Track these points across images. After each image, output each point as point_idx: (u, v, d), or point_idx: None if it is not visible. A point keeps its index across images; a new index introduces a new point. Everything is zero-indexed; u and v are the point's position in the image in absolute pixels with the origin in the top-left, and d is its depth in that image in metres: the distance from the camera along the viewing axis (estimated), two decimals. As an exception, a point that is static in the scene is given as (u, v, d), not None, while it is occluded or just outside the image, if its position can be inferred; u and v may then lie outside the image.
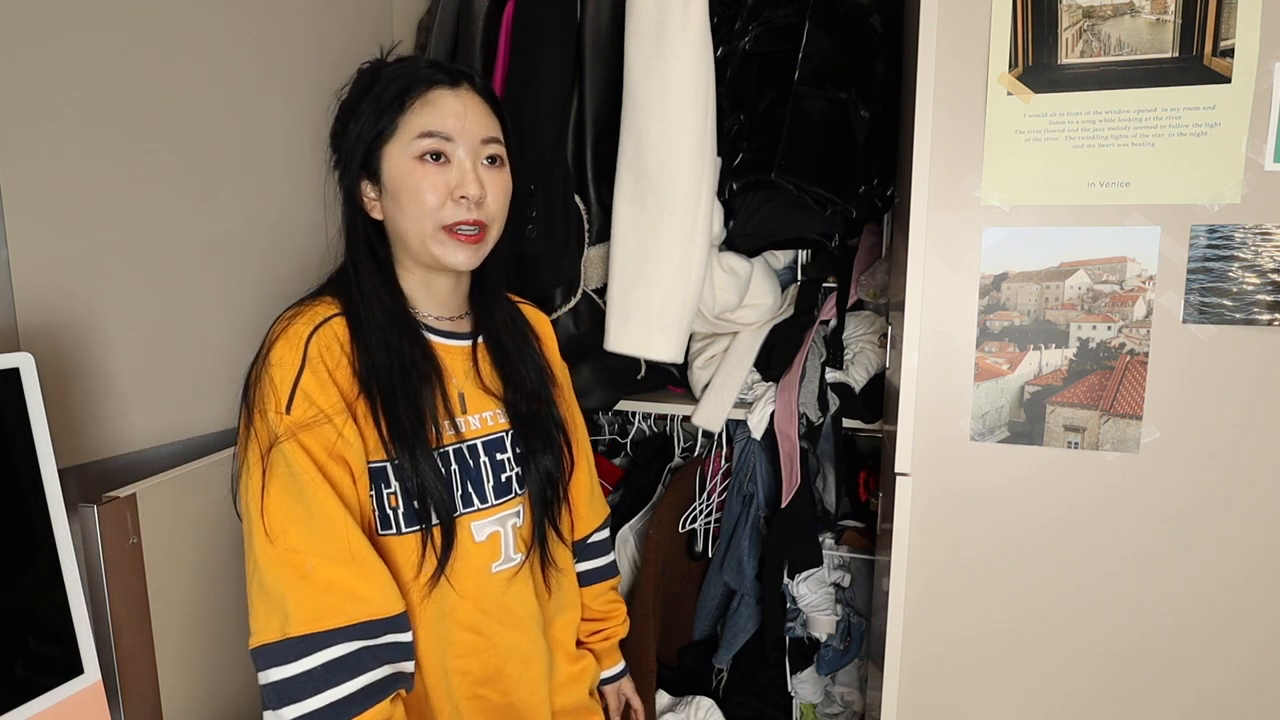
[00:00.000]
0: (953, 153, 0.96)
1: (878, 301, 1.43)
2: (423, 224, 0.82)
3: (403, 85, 0.81)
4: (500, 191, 0.85)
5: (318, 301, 0.83)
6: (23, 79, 0.84)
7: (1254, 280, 0.89)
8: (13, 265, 0.83)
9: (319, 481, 0.75)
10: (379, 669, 0.76)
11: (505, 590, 0.88)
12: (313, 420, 0.76)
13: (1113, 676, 0.99)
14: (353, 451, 0.78)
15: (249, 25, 1.12)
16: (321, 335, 0.79)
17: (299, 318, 0.80)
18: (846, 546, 1.55)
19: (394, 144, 0.81)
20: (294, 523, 0.74)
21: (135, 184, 0.97)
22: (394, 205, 0.83)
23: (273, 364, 0.77)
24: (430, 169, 0.81)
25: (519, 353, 0.94)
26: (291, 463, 0.74)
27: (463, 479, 0.85)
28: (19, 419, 0.70)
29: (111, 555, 0.86)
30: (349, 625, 0.74)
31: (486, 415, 0.89)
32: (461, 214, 0.82)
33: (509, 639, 0.89)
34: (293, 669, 0.72)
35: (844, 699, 1.59)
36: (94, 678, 0.76)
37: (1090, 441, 0.96)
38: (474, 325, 0.93)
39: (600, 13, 1.24)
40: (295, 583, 0.73)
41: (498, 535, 0.88)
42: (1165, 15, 0.88)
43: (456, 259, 0.83)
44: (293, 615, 0.72)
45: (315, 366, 0.77)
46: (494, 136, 0.85)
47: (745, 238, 1.33)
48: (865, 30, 1.23)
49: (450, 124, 0.81)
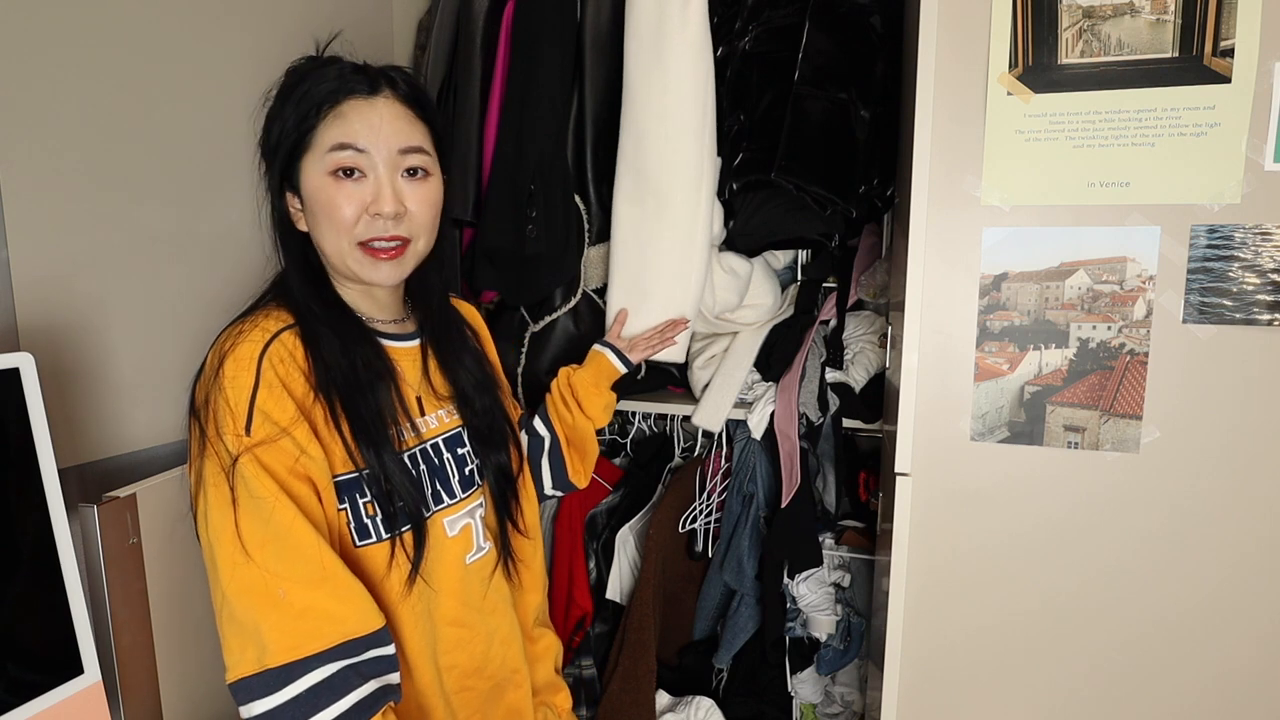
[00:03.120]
0: (953, 153, 0.96)
1: (878, 301, 1.43)
2: (339, 242, 0.79)
3: (318, 95, 0.77)
4: (423, 203, 0.81)
5: (264, 314, 0.79)
6: (23, 79, 0.84)
7: (1254, 280, 0.89)
8: (13, 265, 0.83)
9: (285, 503, 0.72)
10: (365, 685, 0.73)
11: (481, 579, 0.90)
12: (273, 438, 0.72)
13: (1112, 676, 0.99)
14: (316, 467, 0.75)
15: (248, 25, 1.12)
16: (274, 350, 0.76)
17: (247, 334, 0.76)
18: (846, 546, 1.55)
19: (309, 157, 0.78)
20: (262, 548, 0.70)
21: (135, 184, 0.97)
22: (313, 221, 0.80)
23: (225, 383, 0.73)
24: (345, 185, 0.77)
25: (461, 354, 0.94)
26: (253, 486, 0.71)
27: (431, 478, 0.85)
28: (19, 419, 0.70)
29: (111, 555, 0.86)
30: (330, 648, 0.71)
31: (441, 414, 0.90)
32: (377, 229, 0.79)
33: (489, 624, 0.90)
34: (276, 699, 0.69)
35: (844, 699, 1.59)
36: (94, 678, 0.76)
37: (1090, 441, 0.96)
38: (416, 326, 0.92)
39: (600, 13, 1.24)
40: (268, 611, 0.70)
41: (469, 527, 0.89)
42: (1165, 15, 0.88)
43: (376, 275, 0.81)
44: (269, 645, 0.69)
45: (270, 382, 0.74)
46: (415, 146, 0.80)
47: (745, 238, 1.33)
48: (865, 30, 1.23)
49: (363, 136, 0.77)
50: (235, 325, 0.78)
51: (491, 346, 1.07)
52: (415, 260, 0.84)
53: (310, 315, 0.80)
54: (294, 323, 0.79)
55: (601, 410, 1.16)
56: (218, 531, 0.71)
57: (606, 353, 1.18)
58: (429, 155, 0.82)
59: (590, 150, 1.27)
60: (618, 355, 1.18)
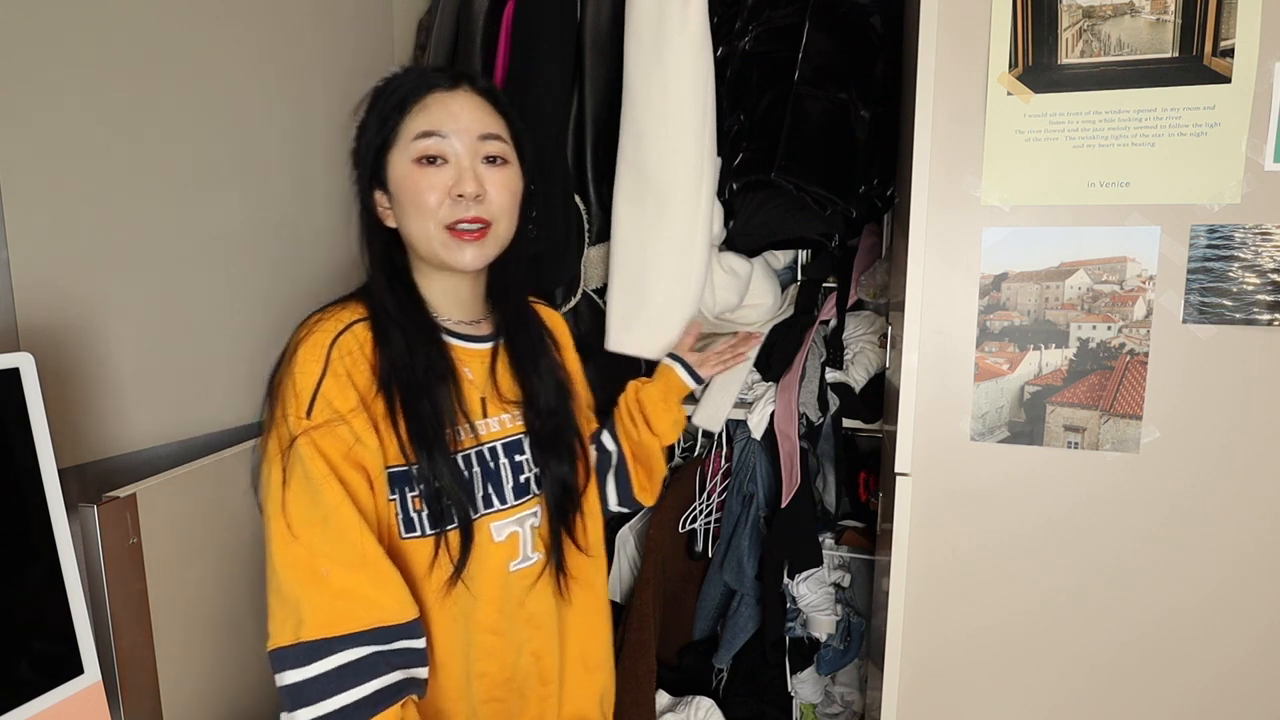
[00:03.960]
0: (953, 153, 0.96)
1: (878, 301, 1.43)
2: (425, 225, 0.82)
3: (403, 92, 0.83)
4: (502, 188, 0.85)
5: (344, 307, 0.84)
6: (23, 79, 0.84)
7: (1254, 280, 0.89)
8: (13, 265, 0.83)
9: (334, 487, 0.75)
10: (391, 674, 0.76)
11: (523, 589, 0.89)
12: (331, 424, 0.77)
13: (1112, 676, 0.99)
14: (370, 456, 0.79)
15: (248, 25, 1.12)
16: (344, 341, 0.80)
17: (323, 323, 0.82)
18: (846, 546, 1.55)
19: (396, 150, 0.83)
20: (310, 527, 0.75)
21: (135, 184, 0.97)
22: (400, 210, 0.84)
23: (296, 369, 0.78)
24: (429, 171, 0.82)
25: (536, 358, 0.94)
26: (309, 467, 0.75)
27: (484, 480, 0.86)
28: (19, 419, 0.70)
29: (111, 555, 0.86)
30: (362, 631, 0.74)
31: (505, 418, 0.90)
32: (460, 211, 0.82)
33: (523, 634, 0.90)
34: (307, 672, 0.73)
35: (844, 699, 1.59)
36: (94, 678, 0.76)
37: (1090, 441, 0.96)
38: (493, 328, 0.94)
39: (600, 13, 1.24)
40: (310, 588, 0.74)
41: (516, 535, 0.88)
42: (1165, 15, 0.88)
43: (462, 258, 0.84)
44: (307, 620, 0.73)
45: (336, 371, 0.78)
46: (493, 133, 0.84)
47: (745, 238, 1.32)
48: (865, 30, 1.23)
49: (445, 123, 0.82)
50: (316, 314, 0.83)
51: (572, 355, 1.05)
52: (497, 245, 0.87)
53: (384, 312, 0.84)
54: (367, 316, 0.83)
55: (670, 427, 1.12)
56: (274, 507, 0.75)
57: (676, 367, 1.13)
58: (506, 144, 0.86)
59: (590, 150, 1.27)
60: (687, 370, 1.13)
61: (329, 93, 1.27)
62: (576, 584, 0.96)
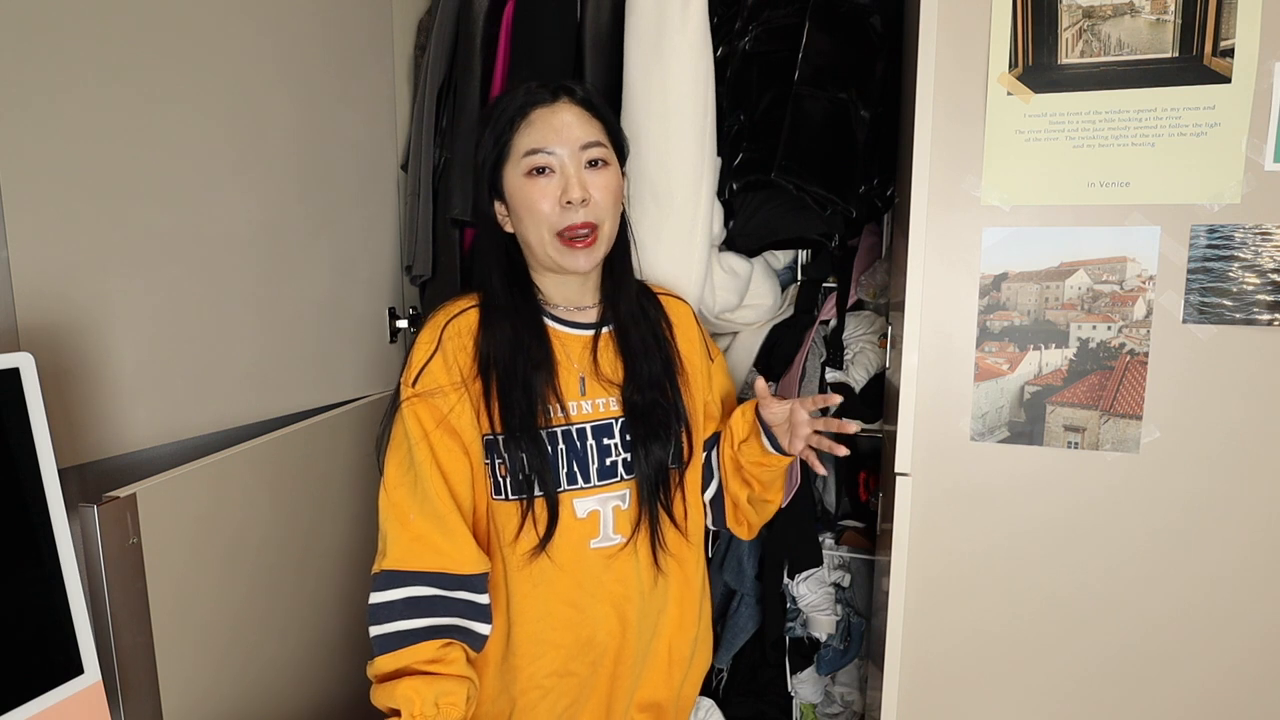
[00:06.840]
0: (953, 153, 0.96)
1: (878, 301, 1.43)
2: (540, 232, 0.91)
3: (510, 111, 0.92)
4: (604, 189, 0.92)
5: (464, 297, 0.97)
6: (23, 79, 0.84)
7: (1254, 280, 0.89)
8: (13, 265, 0.83)
9: (424, 451, 0.88)
10: (446, 617, 0.87)
11: (603, 567, 0.95)
12: (430, 394, 0.90)
13: (1113, 676, 0.99)
14: (464, 424, 0.90)
15: (248, 24, 1.12)
16: (456, 324, 0.93)
17: (446, 308, 0.96)
18: (846, 546, 1.55)
19: (509, 165, 0.93)
20: (401, 478, 0.89)
21: (136, 184, 0.97)
22: (516, 219, 0.94)
23: (417, 344, 0.93)
24: (539, 182, 0.90)
25: (644, 344, 0.98)
26: (408, 427, 0.89)
27: (569, 458, 0.93)
28: (19, 419, 0.70)
29: (111, 555, 0.86)
30: (428, 572, 0.87)
31: (600, 402, 0.96)
32: (570, 218, 0.90)
33: (600, 611, 0.95)
34: (383, 596, 0.86)
35: (844, 699, 1.59)
36: (94, 678, 0.76)
37: (1090, 441, 0.96)
38: (601, 315, 0.99)
39: (600, 13, 1.24)
40: (396, 528, 0.88)
41: (597, 514, 0.94)
42: (1165, 15, 0.88)
43: (575, 263, 0.92)
44: (388, 553, 0.88)
45: (445, 349, 0.92)
46: (593, 140, 0.92)
47: (745, 238, 1.33)
48: (865, 30, 1.23)
49: (550, 139, 0.90)
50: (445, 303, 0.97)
51: (694, 347, 1.03)
52: (606, 245, 0.94)
53: (493, 302, 0.95)
54: (479, 304, 0.96)
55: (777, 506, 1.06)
56: (385, 459, 0.92)
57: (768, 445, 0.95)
58: (606, 147, 0.94)
59: (590, 150, 1.27)
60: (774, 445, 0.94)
61: (329, 93, 1.27)
62: (674, 563, 1.00)
